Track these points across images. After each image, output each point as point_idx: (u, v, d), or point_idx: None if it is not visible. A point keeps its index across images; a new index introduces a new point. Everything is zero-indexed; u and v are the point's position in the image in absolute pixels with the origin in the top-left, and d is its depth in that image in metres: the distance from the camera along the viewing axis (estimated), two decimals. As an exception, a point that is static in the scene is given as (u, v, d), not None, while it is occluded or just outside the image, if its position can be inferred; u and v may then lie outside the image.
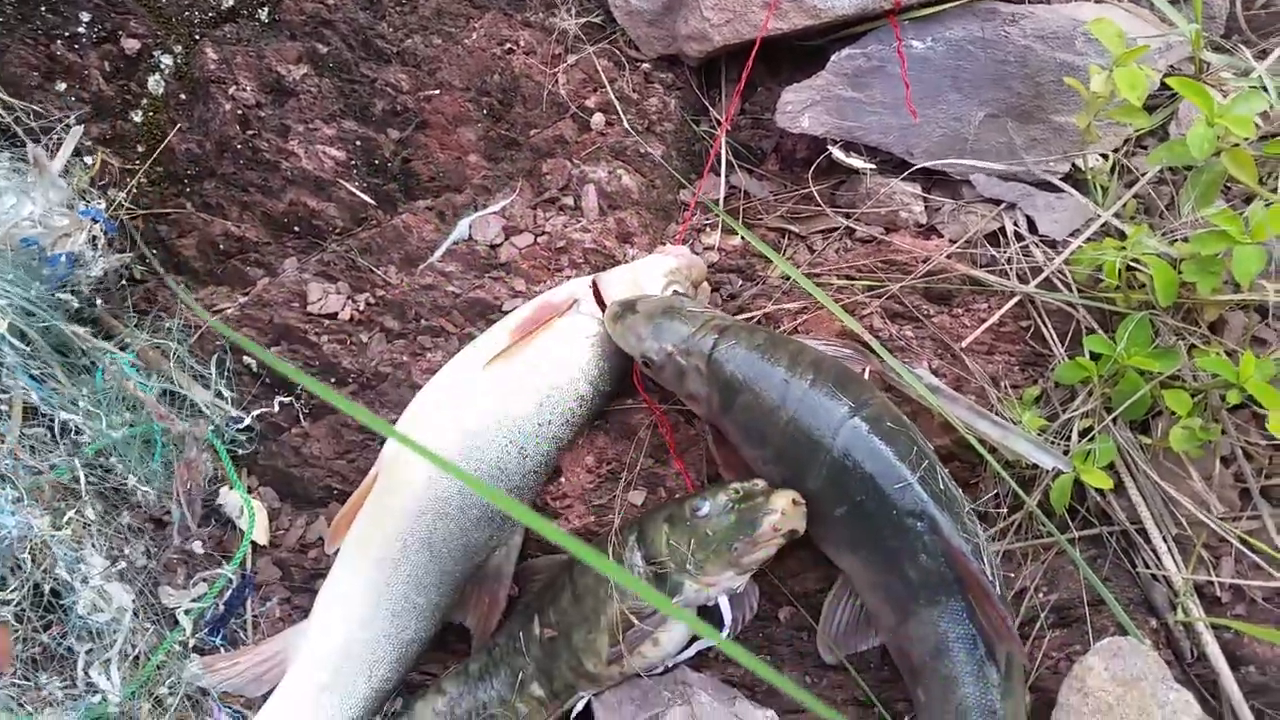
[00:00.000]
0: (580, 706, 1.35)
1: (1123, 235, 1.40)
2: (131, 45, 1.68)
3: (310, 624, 1.39)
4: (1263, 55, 1.54)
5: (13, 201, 1.39)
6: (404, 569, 1.38)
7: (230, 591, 1.49)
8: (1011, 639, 1.19)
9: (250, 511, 1.52)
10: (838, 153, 1.57)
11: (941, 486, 1.22)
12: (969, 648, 1.19)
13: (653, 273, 1.47)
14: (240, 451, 1.57)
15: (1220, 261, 1.28)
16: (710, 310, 1.41)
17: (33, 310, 1.35)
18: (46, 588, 1.35)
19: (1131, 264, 1.34)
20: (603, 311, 1.44)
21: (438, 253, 1.63)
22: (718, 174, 1.67)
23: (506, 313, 1.55)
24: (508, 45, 1.68)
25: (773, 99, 1.63)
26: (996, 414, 1.37)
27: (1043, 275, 1.44)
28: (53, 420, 1.44)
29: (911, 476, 1.21)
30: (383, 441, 1.49)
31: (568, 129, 1.67)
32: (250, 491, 1.58)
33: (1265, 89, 1.41)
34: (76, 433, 1.39)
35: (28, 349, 1.34)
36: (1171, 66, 1.56)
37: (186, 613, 1.47)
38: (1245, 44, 1.58)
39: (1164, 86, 1.42)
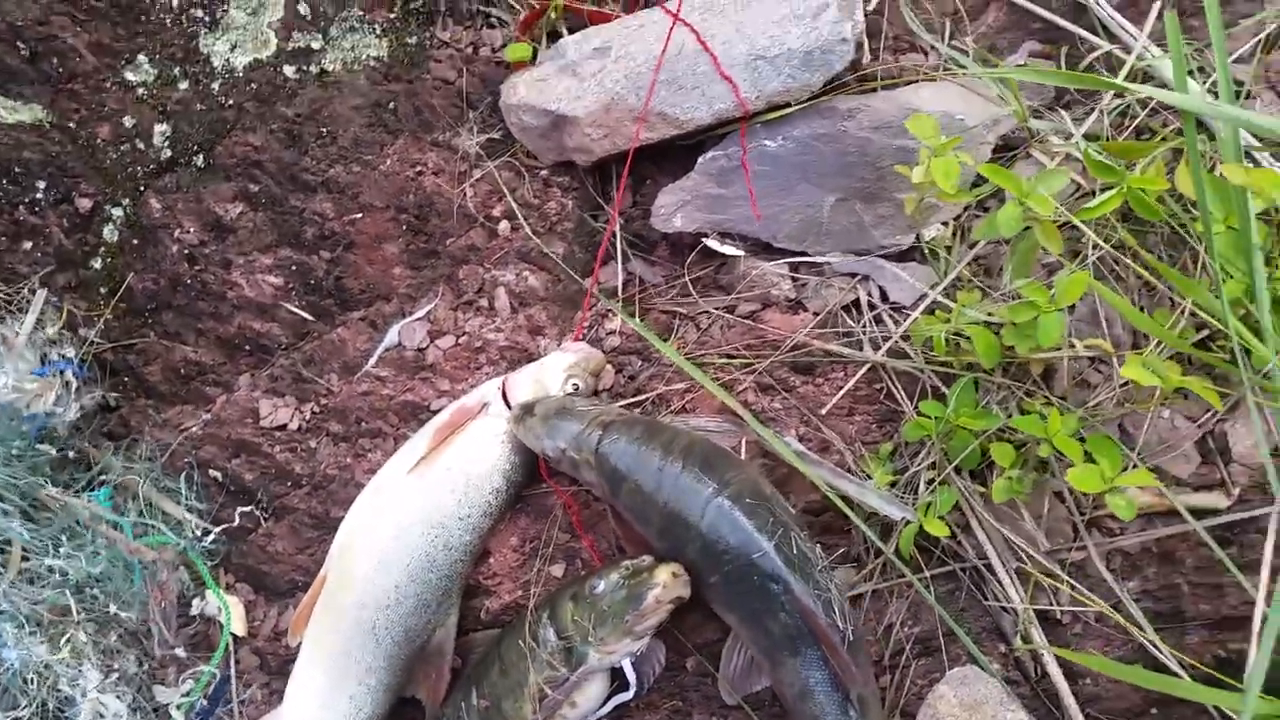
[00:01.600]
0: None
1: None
2: (84, 204, 1.89)
3: (282, 711, 1.60)
4: (1088, 114, 1.71)
5: (-14, 375, 1.60)
6: (354, 655, 1.58)
7: (214, 684, 1.70)
8: (859, 682, 1.37)
9: (226, 610, 1.73)
10: (711, 242, 1.76)
11: (795, 551, 1.41)
12: (828, 690, 1.38)
13: (554, 370, 1.67)
14: (214, 561, 1.78)
15: (1034, 325, 1.46)
16: (598, 406, 1.61)
17: (10, 465, 1.56)
18: (51, 704, 1.57)
19: (957, 333, 1.52)
20: (510, 412, 1.64)
21: (371, 360, 1.83)
22: (616, 263, 1.85)
23: (435, 412, 1.75)
24: (419, 167, 1.88)
25: (660, 191, 1.81)
26: (853, 472, 1.55)
27: (887, 344, 1.62)
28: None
29: (768, 545, 1.40)
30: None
31: (478, 237, 1.86)
32: (228, 588, 1.79)
33: (1079, 154, 1.59)
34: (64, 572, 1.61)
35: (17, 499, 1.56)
36: (1012, 132, 1.73)
37: (178, 708, 1.68)
38: (1073, 104, 1.75)
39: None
